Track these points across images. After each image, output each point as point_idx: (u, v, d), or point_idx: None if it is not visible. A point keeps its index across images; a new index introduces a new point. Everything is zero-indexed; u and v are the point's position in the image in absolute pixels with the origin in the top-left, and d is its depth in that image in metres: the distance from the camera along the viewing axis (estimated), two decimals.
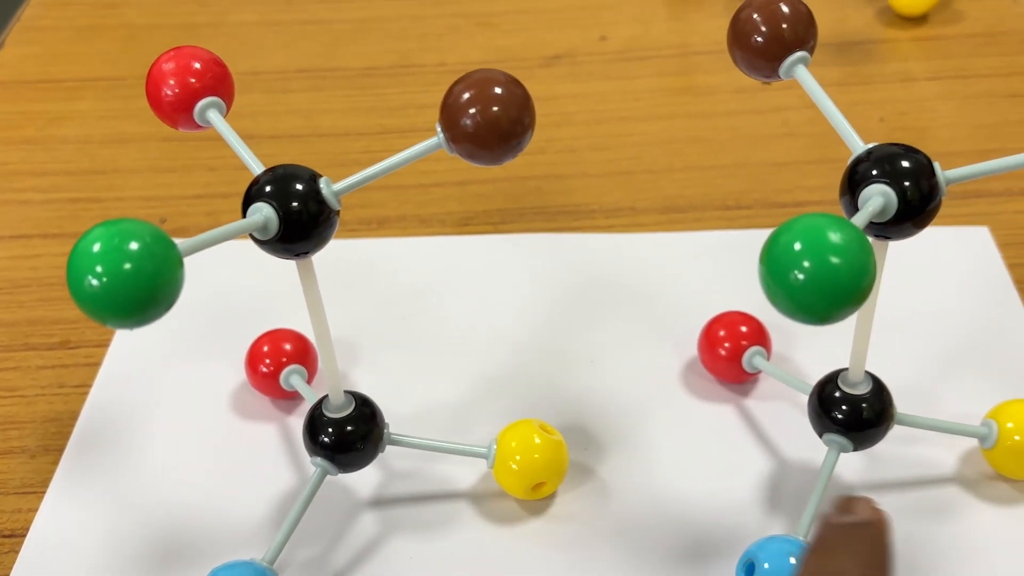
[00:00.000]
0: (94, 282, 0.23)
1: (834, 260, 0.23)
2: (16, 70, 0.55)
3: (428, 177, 0.47)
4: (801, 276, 0.23)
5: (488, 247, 0.44)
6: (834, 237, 0.23)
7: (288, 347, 0.37)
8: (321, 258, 0.43)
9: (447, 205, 0.46)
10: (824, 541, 0.25)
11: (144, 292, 0.23)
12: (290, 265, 0.40)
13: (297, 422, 0.37)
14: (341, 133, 0.50)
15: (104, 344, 0.40)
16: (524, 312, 0.41)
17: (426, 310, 0.41)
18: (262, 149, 0.50)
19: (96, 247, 0.23)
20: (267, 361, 0.37)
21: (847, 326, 0.38)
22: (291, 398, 0.38)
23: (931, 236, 0.32)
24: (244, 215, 0.28)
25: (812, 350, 0.38)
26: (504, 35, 0.56)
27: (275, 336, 0.37)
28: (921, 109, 0.50)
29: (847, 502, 0.27)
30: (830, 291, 0.23)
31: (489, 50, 0.55)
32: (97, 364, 0.39)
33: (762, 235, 0.42)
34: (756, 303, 0.39)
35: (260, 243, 0.28)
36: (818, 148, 0.47)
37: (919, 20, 0.55)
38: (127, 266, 0.23)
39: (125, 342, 0.40)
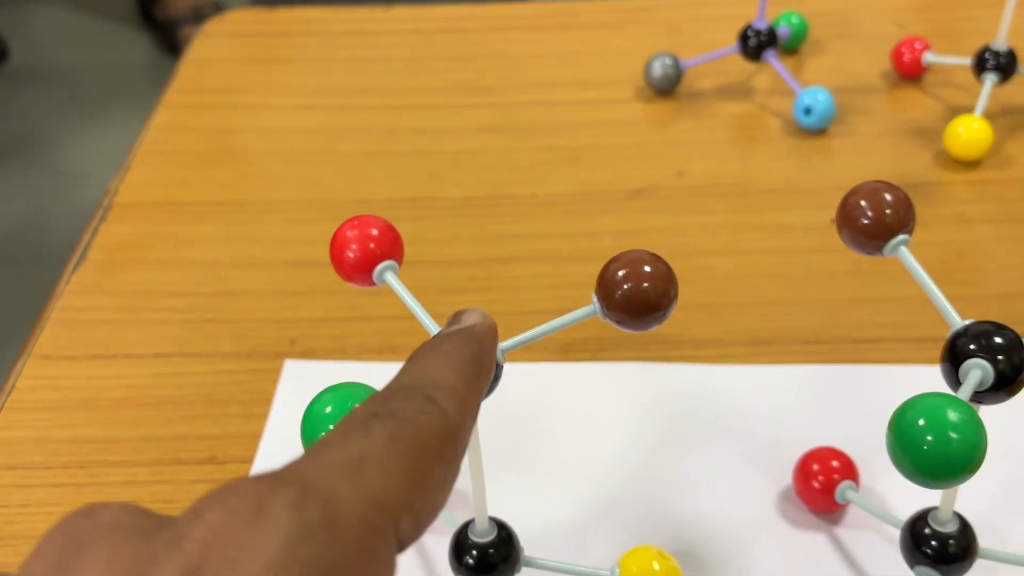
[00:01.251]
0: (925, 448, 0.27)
1: (953, 436, 0.27)
2: (143, 192, 0.60)
3: (529, 305, 0.52)
4: (924, 448, 0.27)
5: (589, 374, 0.48)
6: (952, 416, 0.27)
7: None
8: None
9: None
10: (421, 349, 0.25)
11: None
12: None
13: (431, 538, 0.41)
14: (446, 261, 0.55)
15: (248, 460, 0.44)
16: (625, 438, 0.45)
17: (533, 435, 0.45)
18: None
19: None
20: None
21: None
22: None
23: None
24: None
25: (894, 481, 0.42)
26: (589, 169, 0.61)
27: None
28: (977, 251, 0.54)
29: (457, 314, 0.28)
30: (948, 462, 0.27)
31: (577, 183, 0.60)
32: None
33: (843, 370, 0.47)
34: (841, 435, 0.43)
35: None
36: (888, 287, 0.52)
37: (973, 164, 0.59)
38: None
39: (268, 458, 0.44)
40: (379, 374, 0.31)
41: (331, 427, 0.27)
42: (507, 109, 0.66)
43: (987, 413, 0.40)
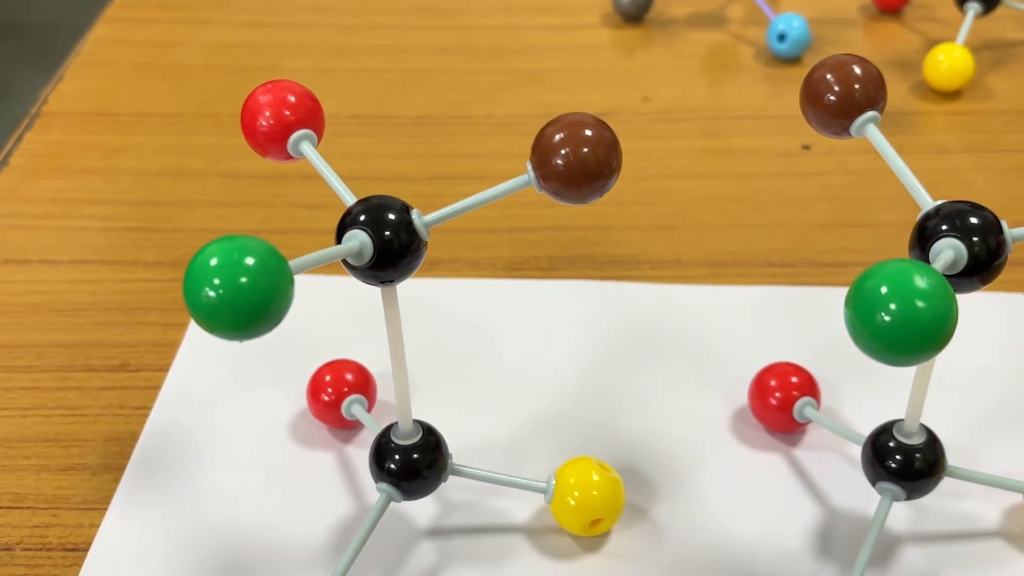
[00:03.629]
0: (211, 294, 0.24)
1: (919, 304, 0.24)
2: (74, 102, 0.56)
3: (479, 223, 0.48)
4: (887, 318, 0.24)
5: (539, 291, 0.45)
6: (920, 282, 0.24)
7: (349, 377, 0.38)
8: (375, 298, 0.44)
9: (498, 250, 0.47)
10: None
11: (258, 306, 0.24)
12: (350, 300, 0.42)
13: (354, 451, 0.38)
14: (394, 177, 0.52)
15: (164, 368, 0.41)
16: (574, 355, 0.42)
17: (478, 349, 0.42)
18: (320, 190, 0.51)
19: (213, 261, 0.24)
20: (329, 390, 0.38)
21: (895, 382, 0.39)
22: (349, 427, 0.39)
23: (971, 301, 0.33)
24: (338, 242, 0.29)
25: (857, 406, 0.39)
26: (551, 92, 0.57)
27: (337, 366, 0.38)
28: (956, 180, 0.51)
29: None
30: (915, 334, 0.24)
31: (536, 105, 0.56)
32: (157, 387, 0.40)
33: (808, 292, 0.44)
34: (802, 357, 0.40)
35: (351, 268, 0.29)
36: (857, 212, 0.49)
37: (952, 95, 0.56)
38: (243, 280, 0.24)
39: (185, 367, 0.41)
40: (313, 287, 0.28)
41: (216, 281, 0.24)
42: (466, 32, 0.62)
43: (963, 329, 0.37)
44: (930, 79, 0.56)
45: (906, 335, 0.24)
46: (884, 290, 0.24)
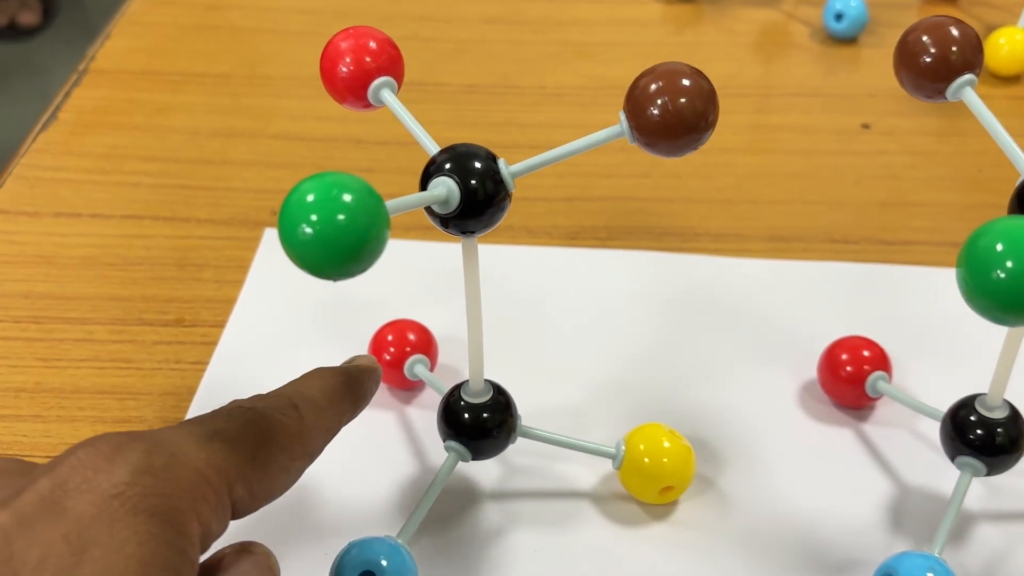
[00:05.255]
0: (308, 230, 0.23)
1: None
2: (121, 60, 0.55)
3: (534, 192, 0.48)
4: (1002, 275, 0.23)
5: (597, 260, 0.44)
6: None
7: (412, 337, 0.37)
8: (435, 261, 0.44)
9: (554, 219, 0.46)
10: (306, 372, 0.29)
11: (356, 244, 0.23)
12: (407, 265, 0.41)
13: (414, 412, 0.37)
14: (446, 143, 0.51)
15: (219, 324, 0.40)
16: (634, 325, 0.41)
17: (537, 316, 0.42)
18: (372, 154, 0.50)
19: (310, 197, 0.23)
20: (391, 349, 0.37)
21: (961, 360, 0.38)
22: (410, 388, 0.38)
23: None
24: (423, 190, 0.28)
25: (924, 383, 0.39)
26: (602, 64, 0.57)
27: (399, 326, 0.38)
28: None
29: (352, 358, 0.31)
30: None
31: (588, 77, 0.56)
32: (213, 343, 0.40)
33: (873, 269, 0.43)
34: (867, 333, 0.39)
35: (434, 217, 0.29)
36: (919, 192, 0.48)
37: (1012, 80, 0.56)
38: (341, 217, 0.23)
39: (242, 323, 0.40)
40: None
41: (313, 218, 0.23)
42: (515, 2, 0.62)
43: None
44: (990, 63, 0.55)
45: (1021, 292, 0.23)
46: (999, 247, 0.24)
